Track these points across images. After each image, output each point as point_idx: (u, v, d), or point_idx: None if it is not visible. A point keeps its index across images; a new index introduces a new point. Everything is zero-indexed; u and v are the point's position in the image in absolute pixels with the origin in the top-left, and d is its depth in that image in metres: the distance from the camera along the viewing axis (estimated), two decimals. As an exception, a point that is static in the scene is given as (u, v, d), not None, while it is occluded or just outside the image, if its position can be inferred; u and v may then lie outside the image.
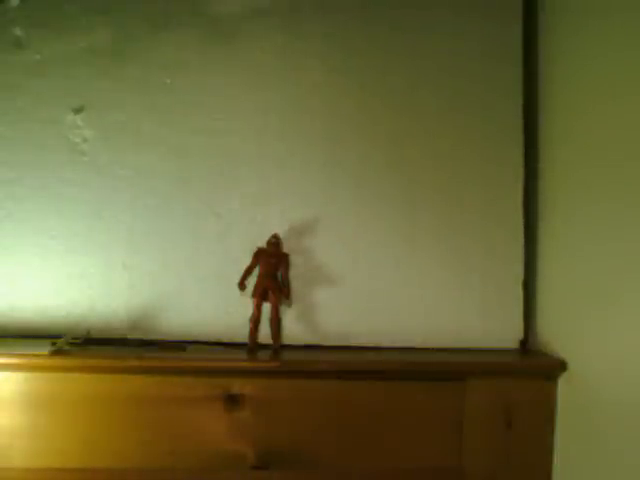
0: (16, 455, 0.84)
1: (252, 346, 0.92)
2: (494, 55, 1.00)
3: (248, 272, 0.93)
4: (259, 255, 0.93)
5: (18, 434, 0.84)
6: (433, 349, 0.96)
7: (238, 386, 0.87)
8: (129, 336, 0.93)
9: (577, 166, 0.89)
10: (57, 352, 0.84)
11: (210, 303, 0.95)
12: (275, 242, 0.93)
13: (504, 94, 1.00)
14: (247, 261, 0.93)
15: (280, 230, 0.95)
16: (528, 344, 0.98)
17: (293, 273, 0.96)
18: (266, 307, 0.93)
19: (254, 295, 0.93)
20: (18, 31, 0.96)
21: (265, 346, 0.93)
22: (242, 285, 0.93)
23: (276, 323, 0.93)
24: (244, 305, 0.93)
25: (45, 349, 0.84)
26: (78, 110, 0.96)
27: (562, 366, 0.88)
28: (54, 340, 0.86)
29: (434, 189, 0.98)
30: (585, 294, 0.85)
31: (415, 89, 0.99)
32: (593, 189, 0.84)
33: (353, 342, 0.96)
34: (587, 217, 0.85)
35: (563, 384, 0.88)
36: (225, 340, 0.94)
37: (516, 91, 1.00)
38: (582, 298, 0.86)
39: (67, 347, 0.86)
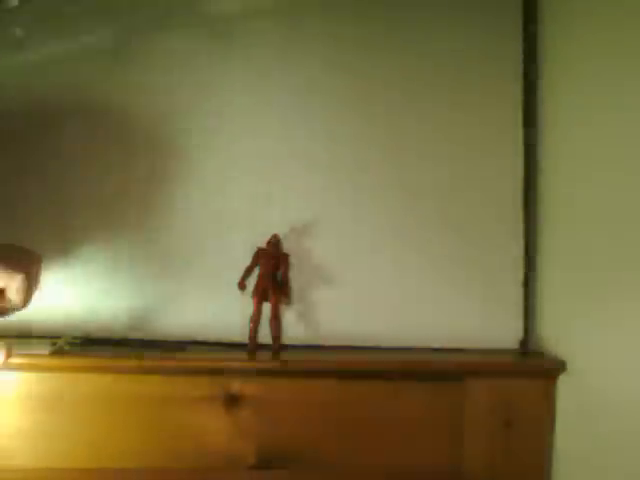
0: (16, 455, 0.84)
1: (252, 346, 0.92)
2: (494, 53, 1.00)
3: (248, 272, 0.93)
4: (259, 255, 0.93)
5: (18, 434, 0.84)
6: (433, 349, 0.96)
7: (238, 386, 0.87)
8: (129, 336, 0.93)
9: (578, 164, 0.89)
10: (57, 352, 0.84)
11: (210, 303, 0.95)
12: (275, 242, 0.93)
13: (504, 93, 0.99)
14: (247, 261, 0.94)
15: (280, 230, 0.95)
16: (528, 344, 0.97)
17: (293, 273, 0.96)
18: (266, 307, 0.93)
19: (254, 295, 0.93)
20: (18, 31, 0.97)
21: (265, 346, 0.93)
22: (242, 285, 0.93)
23: (276, 323, 0.93)
24: (244, 305, 0.93)
25: (45, 349, 0.84)
26: (78, 110, 0.97)
27: (562, 366, 0.88)
28: (54, 340, 0.86)
29: (434, 189, 0.98)
30: (585, 294, 0.85)
31: (416, 88, 0.99)
32: (593, 187, 0.84)
33: (353, 342, 0.96)
34: (587, 216, 0.85)
35: (563, 384, 0.89)
36: (225, 340, 0.94)
37: (516, 89, 0.99)
38: (582, 298, 0.86)
39: (67, 347, 0.86)
